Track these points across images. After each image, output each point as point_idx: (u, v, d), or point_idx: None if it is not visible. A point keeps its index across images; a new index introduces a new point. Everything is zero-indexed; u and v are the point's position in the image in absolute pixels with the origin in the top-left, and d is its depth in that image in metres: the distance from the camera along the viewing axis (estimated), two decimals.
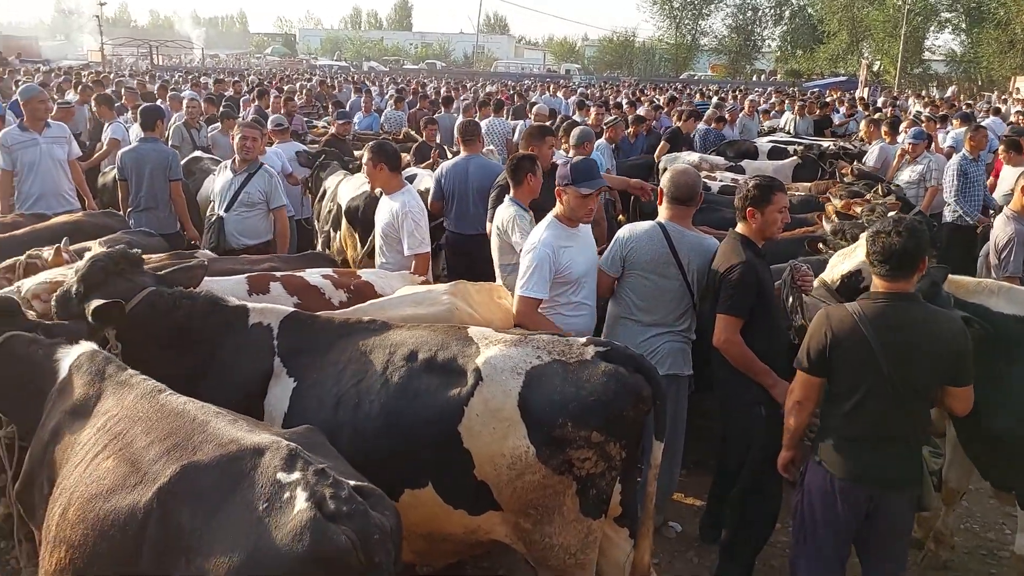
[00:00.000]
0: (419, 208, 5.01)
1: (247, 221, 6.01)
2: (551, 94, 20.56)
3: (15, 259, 3.86)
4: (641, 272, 4.05)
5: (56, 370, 2.66)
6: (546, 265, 3.93)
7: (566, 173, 4.03)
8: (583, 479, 2.81)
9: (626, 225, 4.34)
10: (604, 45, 71.00)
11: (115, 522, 2.04)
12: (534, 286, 3.94)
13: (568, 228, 4.09)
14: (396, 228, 4.98)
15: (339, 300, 4.16)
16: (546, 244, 3.97)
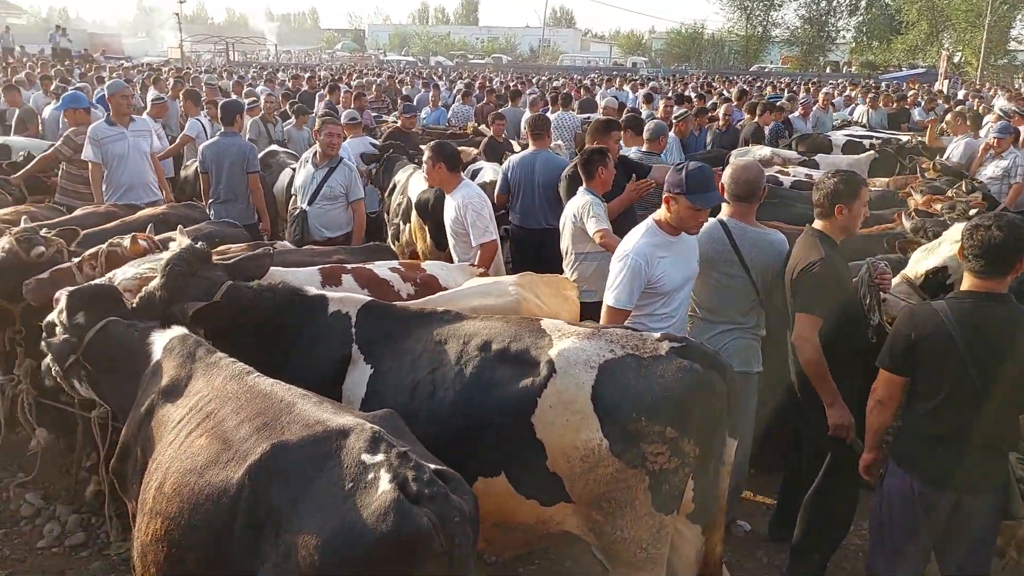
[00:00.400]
0: (479, 198, 5.10)
1: (329, 214, 6.21)
2: (617, 87, 20.34)
3: (97, 247, 4.01)
4: (704, 271, 4.01)
5: (150, 352, 2.78)
6: (637, 275, 3.72)
7: (680, 180, 3.68)
8: (656, 474, 2.81)
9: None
10: (672, 38, 69.90)
11: (209, 496, 2.14)
12: (624, 297, 3.74)
13: (668, 236, 3.82)
14: (462, 222, 5.06)
15: (407, 293, 4.25)
16: (639, 253, 3.74)
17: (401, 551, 1.89)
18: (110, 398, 2.93)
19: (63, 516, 4.29)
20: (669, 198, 3.76)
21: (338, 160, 6.27)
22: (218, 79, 17.42)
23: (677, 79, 32.73)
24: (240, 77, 21.04)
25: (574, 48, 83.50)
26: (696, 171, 3.72)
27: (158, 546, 2.23)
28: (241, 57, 47.72)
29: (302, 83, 17.14)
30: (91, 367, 2.90)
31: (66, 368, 2.93)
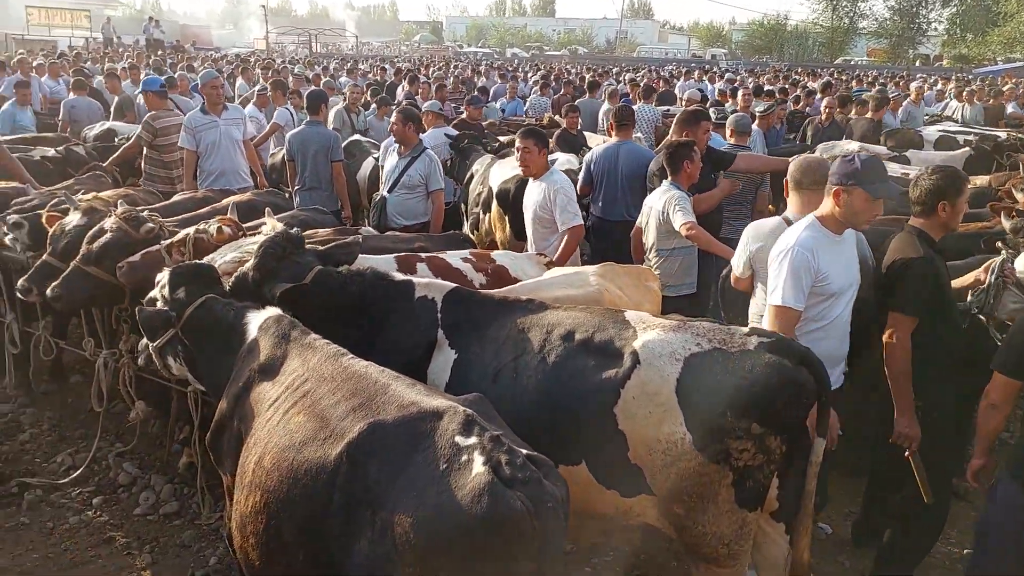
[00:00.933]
0: (568, 184, 5.11)
1: (407, 203, 6.31)
2: (696, 79, 19.97)
3: (185, 233, 4.14)
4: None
5: (245, 331, 2.88)
6: (804, 270, 3.38)
7: (854, 171, 3.37)
8: (740, 470, 2.77)
9: (751, 223, 4.18)
10: (753, 29, 68.20)
11: (307, 471, 2.20)
12: (791, 295, 3.36)
13: (832, 234, 3.49)
14: (548, 208, 5.06)
15: (479, 282, 4.28)
16: (804, 246, 3.40)
17: (494, 533, 1.91)
18: (204, 375, 3.03)
19: (157, 485, 4.52)
20: (839, 191, 3.41)
21: (420, 150, 6.35)
22: (305, 69, 17.86)
23: (758, 71, 31.96)
24: (323, 68, 21.53)
25: (651, 40, 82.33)
26: (870, 160, 3.46)
27: (257, 518, 2.31)
28: (323, 48, 48.77)
29: (384, 75, 17.42)
30: (188, 342, 3.00)
31: (163, 344, 3.04)
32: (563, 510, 2.04)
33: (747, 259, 3.98)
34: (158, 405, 4.54)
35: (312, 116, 7.19)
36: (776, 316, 3.39)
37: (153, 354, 3.12)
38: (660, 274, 4.85)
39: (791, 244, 3.44)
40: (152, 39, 32.11)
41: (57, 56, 19.97)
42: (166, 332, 3.04)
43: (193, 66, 18.96)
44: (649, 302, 4.16)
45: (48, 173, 7.08)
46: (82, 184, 6.14)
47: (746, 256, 3.98)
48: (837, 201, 3.43)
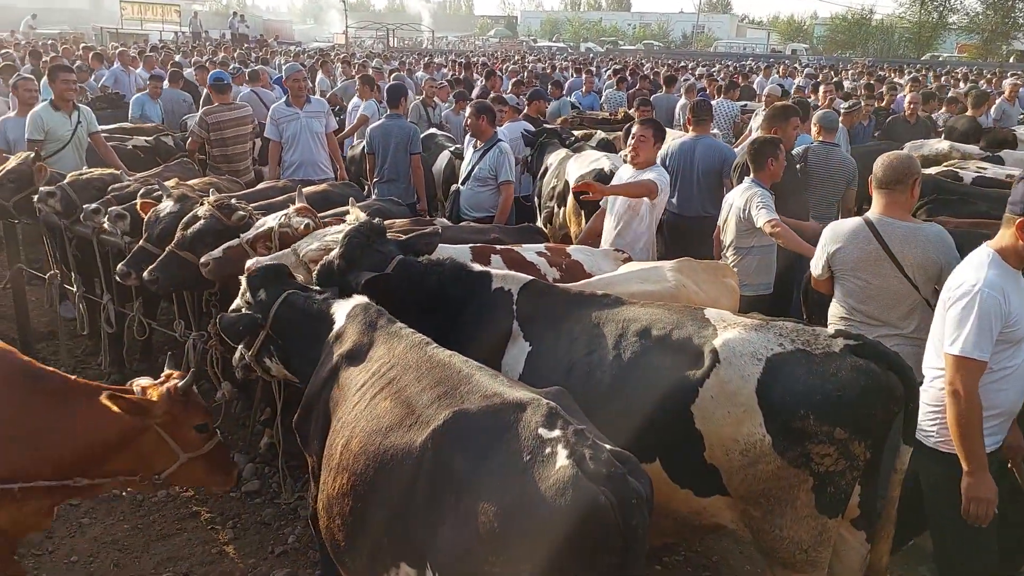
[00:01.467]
0: (666, 180, 5.13)
1: (478, 195, 6.38)
2: (780, 75, 19.44)
3: (269, 227, 4.21)
4: (851, 273, 3.78)
5: (332, 319, 2.96)
6: (994, 315, 2.90)
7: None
8: (821, 475, 2.71)
9: (831, 224, 4.03)
10: (836, 24, 66.11)
11: (393, 456, 2.26)
12: (978, 345, 2.90)
13: (1011, 269, 3.02)
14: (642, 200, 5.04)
15: (552, 277, 4.28)
16: (992, 287, 2.91)
17: (577, 527, 1.91)
18: (299, 368, 3.11)
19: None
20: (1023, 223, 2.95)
21: (493, 143, 6.40)
22: (383, 64, 18.20)
23: (840, 67, 30.97)
24: (400, 63, 21.85)
25: (729, 34, 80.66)
26: None
27: (343, 500, 2.38)
28: (399, 43, 49.48)
29: (461, 70, 17.58)
30: (279, 340, 3.10)
31: (258, 348, 3.14)
32: (647, 507, 2.03)
33: (826, 260, 3.88)
34: (243, 387, 4.70)
35: (392, 109, 7.32)
36: (958, 368, 2.93)
37: (252, 363, 3.20)
38: (737, 272, 4.77)
39: (976, 286, 2.94)
40: (238, 33, 33.17)
41: (150, 49, 20.81)
42: (257, 336, 3.13)
43: (268, 60, 19.51)
44: (727, 298, 4.09)
45: (139, 162, 7.41)
46: (170, 172, 6.40)
47: (825, 257, 3.88)
48: (1022, 234, 2.97)
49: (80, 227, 5.16)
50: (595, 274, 4.30)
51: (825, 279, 3.95)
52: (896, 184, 3.70)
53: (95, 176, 5.53)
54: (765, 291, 5.09)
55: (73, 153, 6.81)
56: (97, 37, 32.23)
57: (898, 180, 3.69)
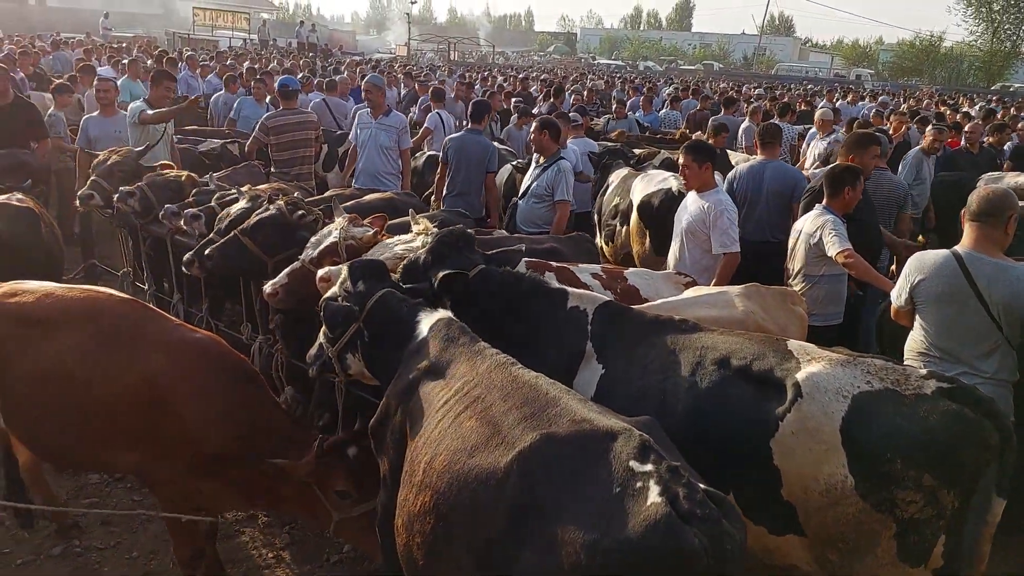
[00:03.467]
0: (734, 208, 4.97)
1: (534, 210, 6.39)
2: (849, 102, 19.02)
3: (334, 240, 4.11)
4: (934, 307, 3.63)
5: (416, 329, 2.93)
6: None
7: None
8: (905, 522, 2.59)
9: (916, 254, 3.90)
10: (903, 50, 64.80)
11: (478, 477, 2.20)
12: None
13: None
14: (706, 225, 4.93)
15: None
16: None
17: (667, 568, 1.84)
18: (379, 369, 3.09)
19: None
20: None
21: (554, 160, 6.36)
22: (446, 76, 18.42)
23: (907, 94, 30.29)
24: (459, 76, 22.04)
25: (791, 57, 79.67)
26: None
27: (425, 518, 2.33)
28: (459, 56, 50.01)
29: (531, 84, 17.66)
30: (368, 335, 3.07)
31: (346, 341, 3.12)
32: (741, 554, 1.94)
33: (909, 291, 3.75)
34: (306, 391, 4.73)
35: (474, 124, 7.33)
36: None
37: (332, 357, 3.17)
38: (806, 301, 4.65)
39: None
40: (308, 42, 33.91)
41: (217, 55, 21.40)
42: (349, 327, 3.10)
43: (340, 70, 19.86)
44: (795, 327, 3.98)
45: (206, 168, 7.55)
46: (239, 176, 6.52)
47: (908, 288, 3.75)
48: None
49: (155, 227, 5.27)
50: (652, 299, 4.19)
51: (906, 311, 3.82)
52: (989, 217, 3.58)
53: (172, 178, 5.65)
54: (835, 320, 4.95)
55: (164, 150, 7.04)
56: (169, 42, 33.27)
57: (991, 213, 3.57)
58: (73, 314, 3.45)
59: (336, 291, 3.19)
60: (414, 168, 9.02)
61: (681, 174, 5.22)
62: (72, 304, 3.52)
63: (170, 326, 3.58)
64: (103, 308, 3.51)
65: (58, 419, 3.39)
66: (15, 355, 3.39)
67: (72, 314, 3.45)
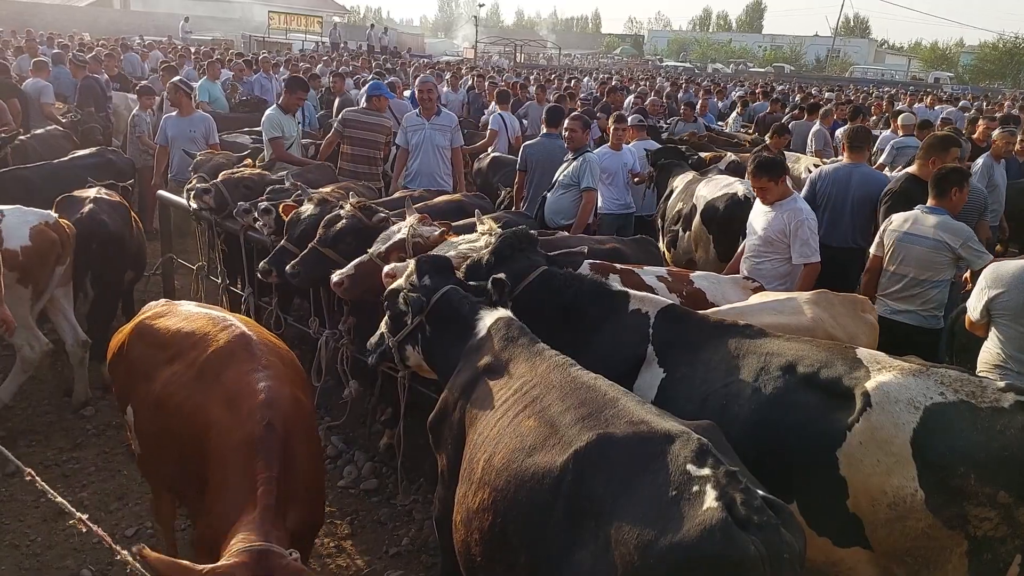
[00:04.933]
0: (814, 217, 4.87)
1: (559, 200, 6.47)
2: (927, 105, 18.35)
3: (402, 238, 4.20)
4: (1013, 320, 3.51)
5: (476, 327, 2.97)
6: None
7: None
8: (978, 540, 2.50)
9: (993, 264, 3.78)
10: (985, 52, 62.29)
11: (535, 475, 2.22)
12: None
13: None
14: (785, 235, 4.85)
15: None
16: None
17: (721, 574, 1.82)
18: (439, 364, 3.14)
19: (360, 461, 4.81)
20: None
21: (581, 152, 6.48)
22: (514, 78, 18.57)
23: (989, 98, 29.09)
24: (525, 79, 22.12)
25: (866, 60, 77.33)
26: None
27: (483, 515, 2.36)
28: (525, 59, 50.15)
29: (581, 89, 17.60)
30: (430, 329, 3.13)
31: (408, 332, 3.18)
32: (799, 563, 1.90)
33: (986, 304, 3.61)
34: (370, 385, 4.83)
35: (550, 129, 7.35)
36: None
37: (392, 346, 3.24)
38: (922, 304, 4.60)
39: None
40: (377, 45, 34.54)
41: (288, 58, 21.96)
42: (414, 320, 3.15)
43: (398, 70, 20.16)
44: (865, 335, 3.88)
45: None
46: (310, 174, 6.68)
47: (985, 300, 3.62)
48: None
49: (229, 223, 5.45)
50: (718, 303, 4.14)
51: (982, 323, 3.68)
52: None
53: (247, 175, 5.84)
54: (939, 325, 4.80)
55: (297, 150, 7.42)
56: (245, 44, 34.32)
57: None
58: (190, 342, 3.20)
59: (402, 283, 3.25)
60: (478, 169, 9.11)
61: (757, 194, 5.08)
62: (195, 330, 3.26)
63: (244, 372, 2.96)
64: (210, 339, 3.17)
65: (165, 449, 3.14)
66: (142, 377, 3.23)
67: (189, 342, 3.20)
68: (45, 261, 4.92)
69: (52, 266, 4.99)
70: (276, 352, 3.20)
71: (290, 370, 3.18)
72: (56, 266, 5.02)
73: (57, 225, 5.04)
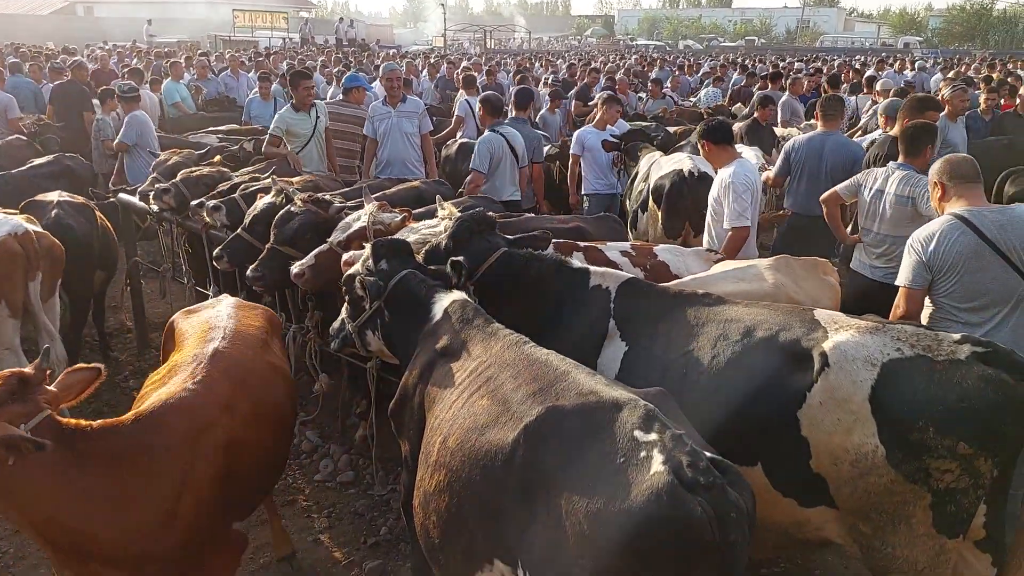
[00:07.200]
0: (744, 179, 4.81)
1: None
2: (896, 70, 18.45)
3: (363, 225, 4.17)
4: (955, 275, 3.47)
5: (432, 310, 2.95)
6: None
7: None
8: (940, 492, 2.51)
9: (918, 229, 3.69)
10: (953, 15, 62.62)
11: (488, 453, 2.22)
12: None
13: None
14: (720, 201, 4.85)
15: None
16: None
17: (671, 537, 1.83)
18: (398, 348, 3.12)
19: (336, 455, 4.78)
20: None
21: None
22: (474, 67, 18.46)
23: (957, 61, 29.23)
24: (494, 64, 22.01)
25: (836, 29, 77.46)
26: None
27: (440, 496, 2.36)
28: (496, 44, 49.88)
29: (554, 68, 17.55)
30: (388, 314, 3.10)
31: (367, 318, 3.16)
32: (748, 522, 1.91)
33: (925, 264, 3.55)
34: (342, 378, 4.80)
35: (518, 113, 7.28)
36: None
37: (352, 331, 3.22)
38: (885, 260, 4.60)
39: None
40: (347, 38, 34.27)
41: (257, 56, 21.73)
42: (372, 305, 3.13)
43: (377, 64, 19.99)
44: (827, 297, 3.89)
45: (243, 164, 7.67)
46: (274, 167, 6.60)
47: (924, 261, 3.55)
48: None
49: (190, 222, 5.38)
50: (682, 275, 4.14)
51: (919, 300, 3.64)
52: (975, 178, 3.61)
53: (205, 173, 5.76)
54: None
55: (315, 148, 7.20)
56: (211, 45, 33.91)
57: (976, 174, 3.60)
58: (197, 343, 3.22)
59: (358, 268, 3.22)
60: (447, 156, 9.04)
61: (708, 160, 5.15)
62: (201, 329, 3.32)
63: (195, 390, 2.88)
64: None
65: None
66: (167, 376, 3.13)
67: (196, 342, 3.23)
68: (10, 275, 4.64)
69: (21, 280, 4.69)
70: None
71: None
72: (28, 280, 4.72)
73: (26, 236, 4.71)
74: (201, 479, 2.68)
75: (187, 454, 2.66)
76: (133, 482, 2.51)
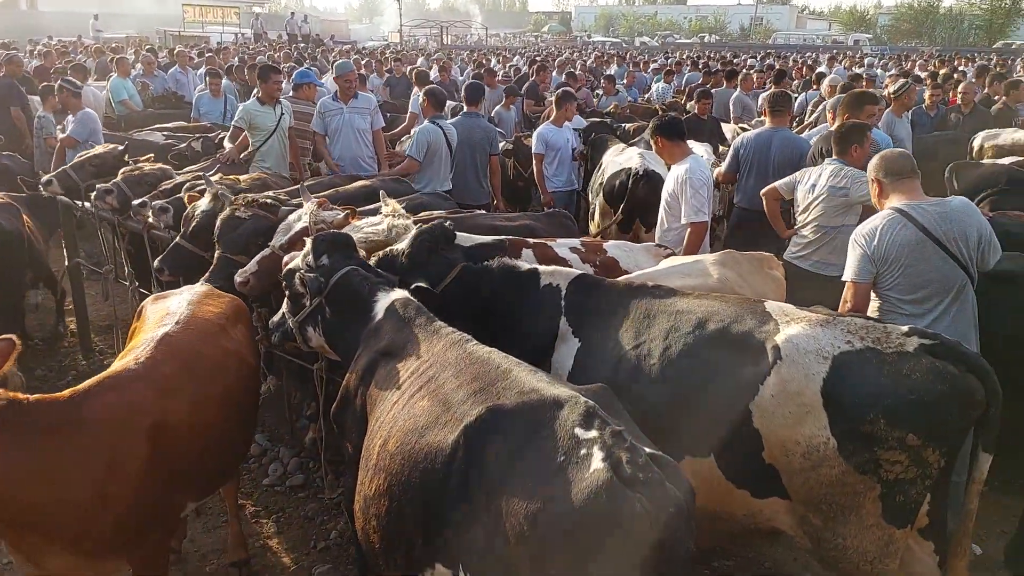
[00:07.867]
0: (701, 175, 4.81)
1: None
2: (846, 67, 18.77)
3: (304, 225, 4.05)
4: (898, 267, 3.50)
5: (373, 309, 2.88)
6: None
7: None
8: (889, 483, 2.53)
9: (858, 227, 3.74)
10: (901, 12, 64.06)
11: (427, 455, 2.16)
12: None
13: None
14: (677, 196, 4.84)
15: None
16: None
17: (610, 534, 1.80)
18: (339, 345, 3.05)
19: (285, 458, 4.66)
20: None
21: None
22: (435, 62, 18.33)
23: (905, 57, 29.91)
24: (449, 59, 21.86)
25: (788, 26, 78.69)
26: None
27: (380, 500, 2.30)
28: (453, 40, 49.63)
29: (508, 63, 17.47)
30: (329, 310, 3.01)
31: (307, 313, 3.07)
32: (687, 516, 1.89)
33: (869, 259, 3.57)
34: (287, 380, 4.68)
35: (470, 107, 7.20)
36: None
37: (293, 327, 3.14)
38: (821, 252, 4.64)
39: None
40: (301, 33, 33.72)
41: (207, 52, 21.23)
42: (312, 301, 3.06)
43: (331, 60, 19.70)
44: (772, 291, 3.91)
45: (192, 162, 7.46)
46: (221, 168, 6.44)
47: (869, 255, 3.58)
48: None
49: (132, 223, 5.20)
50: (631, 271, 4.12)
51: (865, 294, 3.67)
52: (911, 172, 3.65)
53: (147, 172, 5.58)
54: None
55: (278, 143, 7.00)
56: (161, 40, 33.09)
57: (911, 168, 3.65)
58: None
59: (298, 263, 3.12)
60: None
61: (661, 156, 5.15)
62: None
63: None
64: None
65: None
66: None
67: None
68: None
69: None
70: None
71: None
72: None
73: None
74: (132, 458, 2.67)
75: (116, 432, 2.66)
76: (65, 456, 2.53)
